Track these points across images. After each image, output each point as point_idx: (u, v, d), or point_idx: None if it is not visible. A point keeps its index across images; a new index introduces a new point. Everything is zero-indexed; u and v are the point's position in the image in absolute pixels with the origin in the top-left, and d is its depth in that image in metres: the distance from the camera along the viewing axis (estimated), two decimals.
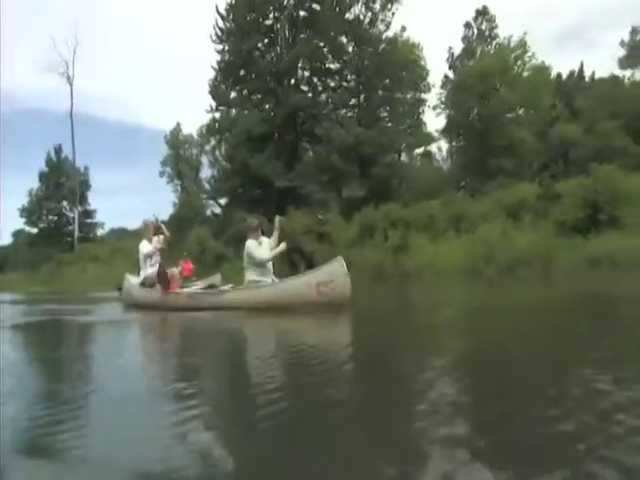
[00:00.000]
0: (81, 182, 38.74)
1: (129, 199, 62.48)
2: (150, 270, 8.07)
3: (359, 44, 24.04)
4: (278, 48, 24.42)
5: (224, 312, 6.19)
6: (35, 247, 37.21)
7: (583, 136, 29.60)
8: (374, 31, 24.45)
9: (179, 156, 38.19)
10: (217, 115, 24.16)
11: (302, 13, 24.79)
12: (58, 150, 39.78)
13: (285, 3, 24.98)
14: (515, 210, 17.71)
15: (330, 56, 23.86)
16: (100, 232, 41.01)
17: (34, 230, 39.65)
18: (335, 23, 23.64)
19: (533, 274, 14.47)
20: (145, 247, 8.27)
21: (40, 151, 42.05)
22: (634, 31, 33.20)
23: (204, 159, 33.17)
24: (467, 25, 34.72)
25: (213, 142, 25.33)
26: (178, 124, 36.32)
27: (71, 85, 31.57)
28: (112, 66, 53.55)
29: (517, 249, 15.51)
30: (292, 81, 24.23)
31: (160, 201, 48.72)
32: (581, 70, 38.39)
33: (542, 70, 36.40)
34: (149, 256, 8.18)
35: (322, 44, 23.92)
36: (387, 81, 23.95)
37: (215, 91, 24.29)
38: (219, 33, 25.11)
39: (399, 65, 25.29)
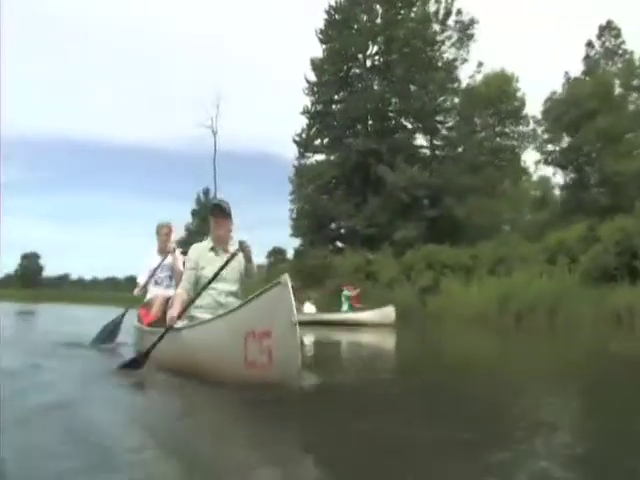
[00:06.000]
0: None
1: (266, 233, 69.06)
2: (155, 292, 5.58)
3: (436, 84, 24.33)
4: (357, 95, 26.03)
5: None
6: None
7: None
8: (450, 71, 24.59)
9: None
10: (300, 162, 26.75)
11: (382, 59, 26.21)
12: (206, 192, 46.99)
13: (369, 52, 26.69)
14: (554, 254, 16.31)
15: (399, 100, 24.67)
16: None
17: None
18: (410, 66, 24.48)
19: (546, 325, 13.49)
20: (152, 258, 5.78)
21: (194, 186, 49.98)
22: None
23: None
24: (589, 44, 31.93)
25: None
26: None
27: (215, 135, 36.74)
28: (253, 110, 60.32)
29: (532, 298, 14.50)
30: (369, 125, 25.63)
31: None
32: None
33: None
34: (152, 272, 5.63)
35: (402, 88, 24.86)
36: (455, 120, 23.76)
37: (300, 139, 26.91)
38: (309, 85, 27.75)
39: (478, 102, 24.91)
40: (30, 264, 67.30)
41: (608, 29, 31.42)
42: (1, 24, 53.48)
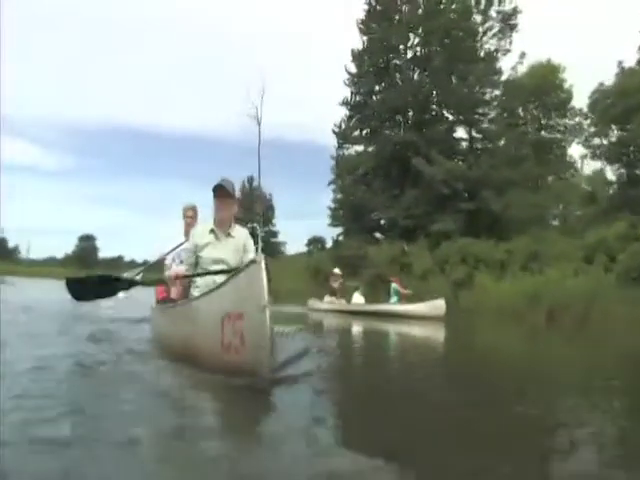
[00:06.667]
0: (267, 207, 45.82)
1: (308, 222, 69.69)
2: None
3: (476, 76, 24.00)
4: (397, 87, 26.00)
5: None
6: None
7: None
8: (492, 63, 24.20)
9: None
10: (339, 153, 27.04)
11: (423, 51, 26.04)
12: (250, 180, 47.94)
13: (409, 43, 26.55)
14: (592, 251, 16.03)
15: (439, 92, 24.49)
16: (283, 250, 47.56)
17: None
18: (451, 58, 24.24)
19: (577, 324, 13.37)
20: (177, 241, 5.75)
21: (241, 173, 50.62)
22: None
23: None
24: None
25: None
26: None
27: (259, 125, 37.36)
28: (300, 99, 60.60)
29: (564, 296, 14.36)
30: (409, 117, 25.60)
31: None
32: None
33: None
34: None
35: (442, 80, 24.68)
36: (496, 112, 23.42)
37: (339, 130, 27.17)
38: (349, 76, 27.87)
39: (521, 94, 24.46)
40: (87, 246, 70.65)
41: None
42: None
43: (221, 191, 3.73)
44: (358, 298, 15.67)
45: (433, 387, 3.31)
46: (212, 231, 3.80)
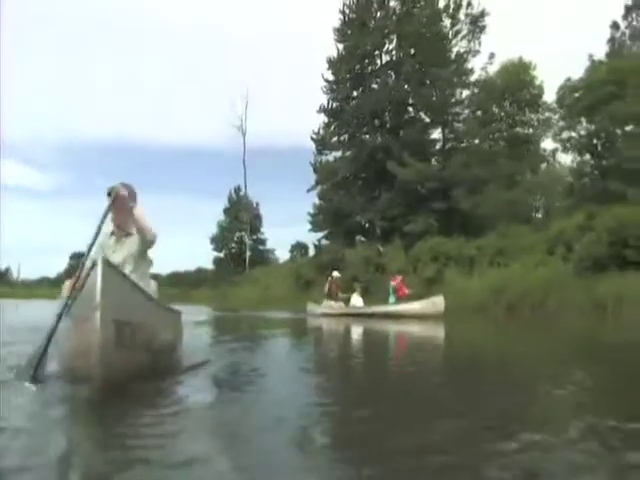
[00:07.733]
0: (254, 215, 46.19)
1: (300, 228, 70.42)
2: None
3: (448, 78, 24.54)
4: (372, 92, 26.56)
5: None
6: (220, 269, 44.99)
7: None
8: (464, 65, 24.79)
9: None
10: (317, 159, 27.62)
11: (396, 55, 26.65)
12: (237, 190, 48.27)
13: (384, 48, 27.14)
14: (554, 243, 16.49)
15: (413, 95, 25.07)
16: (272, 257, 47.66)
17: (221, 255, 48.34)
18: (423, 61, 24.83)
19: (535, 315, 13.83)
20: None
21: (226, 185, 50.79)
22: None
23: None
24: (614, 25, 31.19)
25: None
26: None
27: (244, 136, 38.67)
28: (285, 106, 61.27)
29: (524, 288, 14.85)
30: (385, 122, 26.17)
31: None
32: None
33: None
34: None
35: (416, 83, 25.25)
36: (469, 112, 24.03)
37: (317, 136, 27.73)
38: (327, 84, 28.44)
39: (494, 93, 24.99)
40: (78, 264, 70.81)
41: (635, 8, 30.62)
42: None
43: (112, 197, 3.73)
44: (356, 300, 15.95)
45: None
46: (112, 234, 3.93)
